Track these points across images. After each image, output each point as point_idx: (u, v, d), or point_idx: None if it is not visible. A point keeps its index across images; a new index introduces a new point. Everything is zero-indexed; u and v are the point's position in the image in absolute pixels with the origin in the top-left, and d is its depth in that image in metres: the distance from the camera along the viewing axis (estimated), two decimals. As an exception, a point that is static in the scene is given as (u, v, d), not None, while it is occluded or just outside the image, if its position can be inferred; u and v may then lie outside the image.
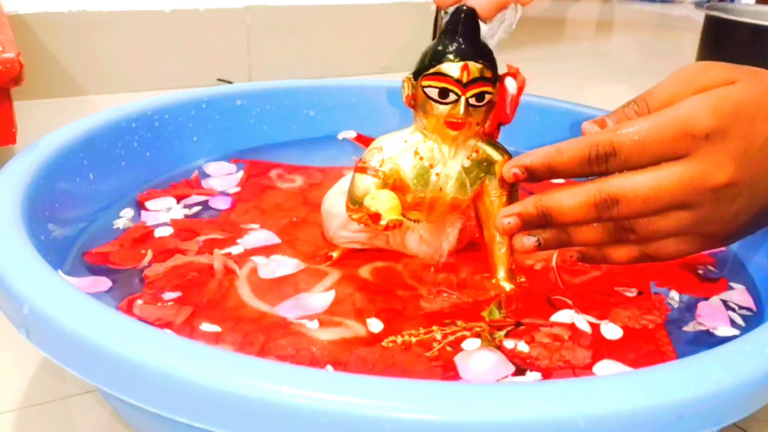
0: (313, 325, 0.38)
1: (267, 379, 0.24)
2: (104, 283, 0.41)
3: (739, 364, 0.27)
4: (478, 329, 0.38)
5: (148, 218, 0.49)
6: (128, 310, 0.38)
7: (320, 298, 0.40)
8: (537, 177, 0.37)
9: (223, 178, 0.57)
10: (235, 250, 0.45)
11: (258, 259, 0.44)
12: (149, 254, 0.44)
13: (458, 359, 0.35)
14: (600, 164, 0.35)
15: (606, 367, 0.35)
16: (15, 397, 0.40)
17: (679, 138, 0.34)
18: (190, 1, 0.99)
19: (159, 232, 0.47)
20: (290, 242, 0.47)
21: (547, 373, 0.35)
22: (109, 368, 0.27)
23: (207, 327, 0.37)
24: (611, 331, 0.38)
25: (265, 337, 0.36)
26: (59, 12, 0.92)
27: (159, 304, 0.39)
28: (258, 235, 0.47)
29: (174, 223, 0.49)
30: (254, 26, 1.04)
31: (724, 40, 1.08)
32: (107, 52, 0.96)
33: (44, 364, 0.42)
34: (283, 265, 0.43)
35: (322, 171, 0.58)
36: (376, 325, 0.38)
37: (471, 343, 0.37)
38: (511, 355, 0.36)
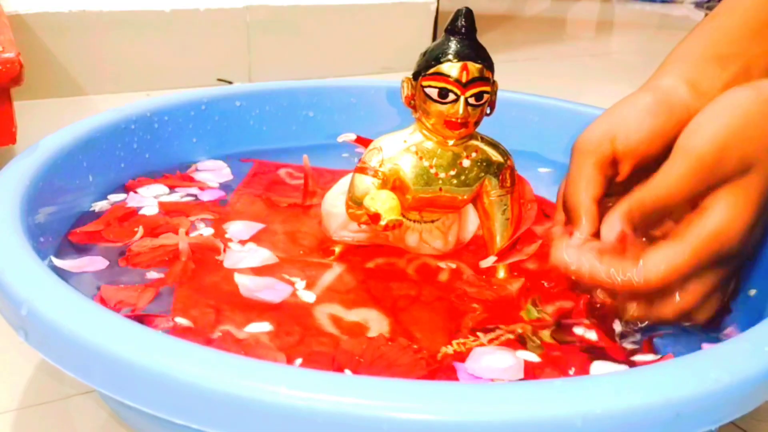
0: (327, 312, 0.39)
1: (264, 379, 0.24)
2: (100, 262, 0.41)
3: (738, 362, 0.27)
4: (520, 330, 0.38)
5: (133, 201, 0.49)
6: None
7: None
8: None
9: (215, 173, 0.57)
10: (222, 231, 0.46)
11: (234, 246, 0.44)
12: (140, 230, 0.45)
13: (475, 352, 0.35)
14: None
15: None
16: (13, 397, 0.40)
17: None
18: (190, 1, 0.99)
19: (146, 211, 0.48)
20: (292, 235, 0.47)
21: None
22: (107, 370, 0.27)
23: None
24: None
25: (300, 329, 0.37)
26: (59, 12, 0.92)
27: (121, 285, 0.39)
28: (240, 225, 0.48)
29: (161, 205, 0.49)
30: (254, 26, 1.04)
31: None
32: (107, 52, 0.96)
33: (43, 365, 0.42)
34: (253, 255, 0.43)
35: (332, 173, 0.58)
36: (384, 318, 0.39)
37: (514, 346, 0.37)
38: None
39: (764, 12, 0.45)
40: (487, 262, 0.43)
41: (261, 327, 0.37)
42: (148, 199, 0.50)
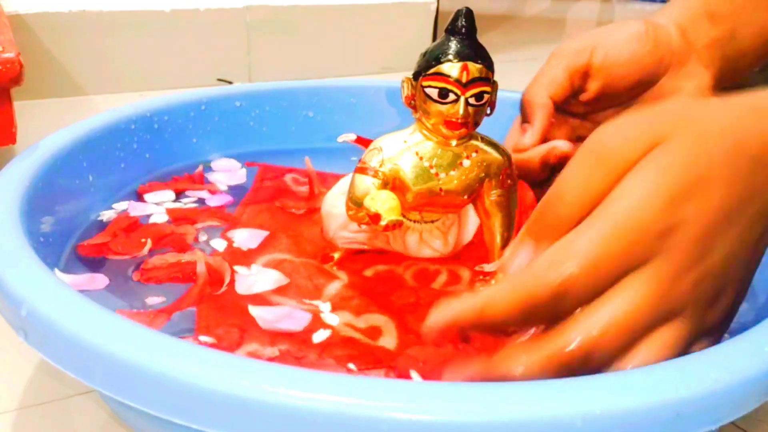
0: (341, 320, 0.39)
1: (264, 380, 0.24)
2: (100, 280, 0.41)
3: (738, 362, 0.26)
4: None
5: (135, 209, 0.49)
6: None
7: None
8: (465, 335, 0.33)
9: (228, 174, 0.57)
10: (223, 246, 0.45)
11: (240, 270, 0.43)
12: (149, 242, 0.44)
13: None
14: (547, 312, 0.27)
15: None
16: (13, 397, 0.40)
17: (635, 245, 0.26)
18: (190, 1, 0.99)
19: (153, 219, 0.48)
20: (295, 242, 0.47)
21: None
22: (107, 370, 0.27)
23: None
24: None
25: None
26: (59, 12, 0.92)
27: (133, 310, 0.39)
28: (245, 233, 0.47)
29: (169, 211, 0.49)
30: (254, 26, 1.04)
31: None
32: (107, 52, 0.96)
33: (42, 365, 0.42)
34: (264, 278, 0.42)
35: (336, 178, 0.58)
36: (391, 321, 0.39)
37: None
38: None
39: None
40: (490, 267, 0.43)
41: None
42: (151, 206, 0.50)
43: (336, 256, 0.45)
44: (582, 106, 0.45)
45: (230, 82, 1.01)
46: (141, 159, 0.54)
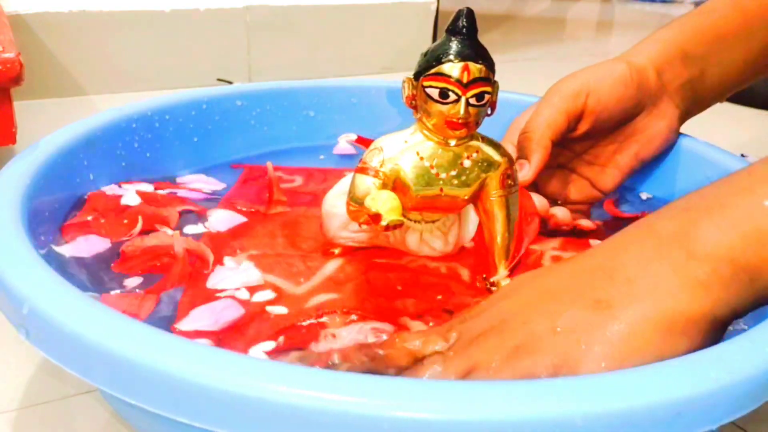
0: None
1: (266, 378, 0.24)
2: (99, 243, 0.42)
3: (739, 362, 0.27)
4: None
5: (112, 190, 0.49)
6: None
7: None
8: None
9: (205, 184, 0.56)
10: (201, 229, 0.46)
11: (228, 261, 0.43)
12: (140, 223, 0.45)
13: None
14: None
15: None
16: (14, 397, 0.40)
17: None
18: (190, 1, 0.99)
19: (127, 201, 0.48)
20: (291, 240, 0.47)
21: None
22: (109, 369, 0.27)
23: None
24: None
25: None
26: (59, 12, 0.92)
27: (120, 291, 0.39)
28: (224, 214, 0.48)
29: (142, 195, 0.49)
30: (254, 26, 1.04)
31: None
32: (107, 52, 0.96)
33: (44, 364, 0.42)
34: (240, 275, 0.41)
35: (323, 172, 0.58)
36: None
37: None
38: None
39: (734, 21, 0.51)
40: (495, 278, 0.42)
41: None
42: (130, 191, 0.50)
43: (336, 251, 0.45)
44: (567, 140, 0.51)
45: (230, 82, 1.01)
46: (141, 158, 0.54)
